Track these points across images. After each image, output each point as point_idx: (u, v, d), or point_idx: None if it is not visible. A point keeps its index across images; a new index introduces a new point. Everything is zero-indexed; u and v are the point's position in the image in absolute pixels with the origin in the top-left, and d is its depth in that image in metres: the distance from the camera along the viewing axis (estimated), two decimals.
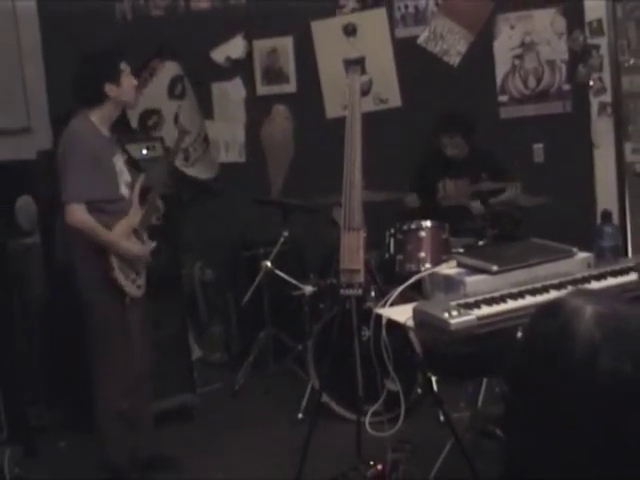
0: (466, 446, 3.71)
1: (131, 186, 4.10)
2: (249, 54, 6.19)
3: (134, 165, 4.33)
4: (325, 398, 4.63)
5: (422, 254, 4.63)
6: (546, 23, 5.54)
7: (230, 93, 6.25)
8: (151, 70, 6.30)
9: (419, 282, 3.58)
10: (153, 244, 4.20)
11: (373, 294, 4.53)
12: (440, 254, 4.42)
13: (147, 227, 4.15)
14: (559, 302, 1.28)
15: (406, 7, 5.82)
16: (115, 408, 4.06)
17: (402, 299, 3.37)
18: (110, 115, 4.06)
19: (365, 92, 5.75)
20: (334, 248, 4.20)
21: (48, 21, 6.25)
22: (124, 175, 4.09)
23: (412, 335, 3.87)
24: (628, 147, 5.48)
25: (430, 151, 5.56)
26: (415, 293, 3.78)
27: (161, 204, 4.24)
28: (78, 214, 3.86)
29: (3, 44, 5.96)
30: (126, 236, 3.98)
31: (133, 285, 4.01)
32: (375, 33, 5.88)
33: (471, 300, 2.96)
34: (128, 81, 4.04)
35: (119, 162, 4.08)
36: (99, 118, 4.01)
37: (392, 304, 3.32)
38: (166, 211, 4.46)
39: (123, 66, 4.03)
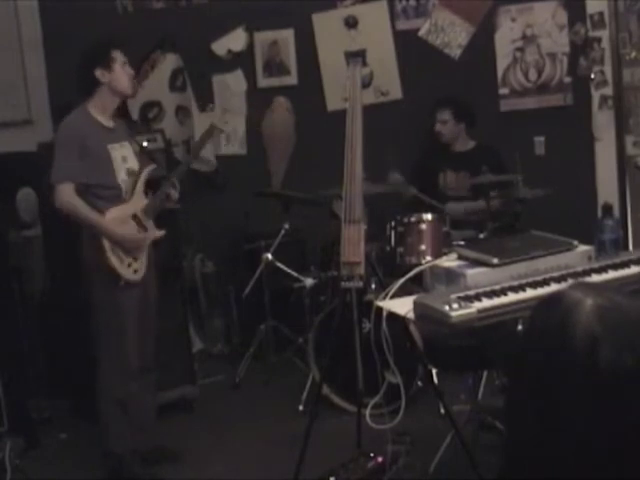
0: (466, 438, 3.72)
1: (136, 174, 4.13)
2: (250, 46, 6.19)
3: (148, 155, 4.36)
4: (325, 390, 4.64)
5: (423, 247, 4.63)
6: (547, 15, 5.54)
7: (231, 85, 6.24)
8: (152, 62, 6.30)
9: (420, 275, 3.58)
10: (160, 232, 4.22)
11: (374, 286, 4.53)
12: (441, 247, 4.42)
13: (153, 214, 4.17)
14: (559, 295, 1.28)
15: None
16: (114, 394, 4.08)
17: (403, 292, 3.37)
18: (107, 103, 4.11)
19: (366, 85, 5.75)
20: (335, 240, 4.20)
21: (49, 14, 6.23)
22: (128, 163, 4.12)
23: (413, 328, 3.88)
24: (629, 140, 5.47)
25: (431, 142, 5.56)
26: (416, 286, 3.78)
27: (174, 193, 4.23)
28: (65, 195, 3.94)
29: (4, 37, 5.95)
30: (120, 221, 4.01)
31: (129, 269, 4.03)
32: (376, 25, 5.87)
33: (472, 293, 2.97)
34: (121, 69, 4.08)
35: (121, 150, 4.12)
36: (97, 108, 4.08)
37: (393, 296, 3.32)
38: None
39: (115, 54, 4.08)
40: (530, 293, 2.98)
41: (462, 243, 4.02)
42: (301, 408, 4.84)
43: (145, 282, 4.17)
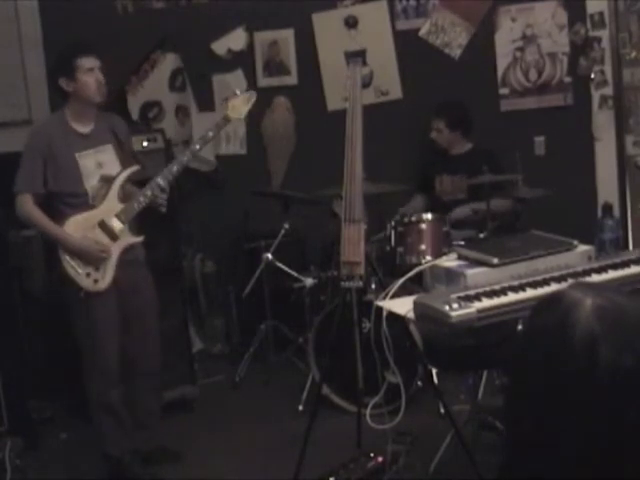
0: (466, 438, 3.72)
1: (111, 180, 4.06)
2: (250, 46, 6.19)
3: (134, 156, 4.31)
4: (325, 390, 4.64)
5: (423, 246, 4.63)
6: (547, 15, 5.54)
7: (231, 85, 6.24)
8: (152, 62, 6.29)
9: (420, 274, 3.58)
10: (135, 239, 4.12)
11: (374, 286, 4.54)
12: (441, 246, 4.43)
13: (127, 220, 4.06)
14: (559, 295, 1.28)
15: None
16: (98, 399, 4.09)
17: (403, 291, 3.37)
18: (80, 110, 4.05)
19: (366, 84, 5.75)
20: (335, 240, 4.20)
21: (49, 13, 6.23)
22: (103, 169, 4.05)
23: (413, 327, 3.88)
24: (629, 140, 5.47)
25: (428, 147, 5.57)
26: (416, 285, 3.79)
27: (161, 196, 4.13)
28: (23, 205, 3.96)
29: (4, 37, 5.95)
30: (81, 229, 3.95)
31: (88, 279, 3.96)
32: (376, 25, 5.87)
33: (472, 292, 2.97)
34: (87, 76, 3.98)
35: (97, 157, 4.05)
36: (71, 114, 4.05)
37: (393, 296, 3.32)
38: (167, 203, 4.44)
39: (81, 61, 3.97)
40: (530, 293, 2.98)
41: (462, 243, 4.03)
42: (301, 408, 4.83)
43: (133, 287, 4.13)
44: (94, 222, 3.99)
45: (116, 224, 4.03)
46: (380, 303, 3.35)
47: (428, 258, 4.46)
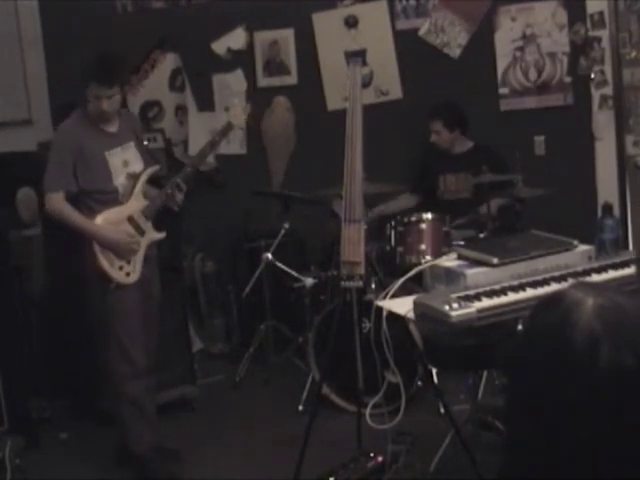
0: (466, 438, 3.72)
1: (136, 177, 4.16)
2: (250, 46, 6.19)
3: (150, 155, 4.39)
4: (325, 390, 4.64)
5: (423, 246, 4.63)
6: (547, 15, 5.53)
7: (231, 85, 6.24)
8: (152, 62, 6.30)
9: (420, 274, 3.58)
10: (159, 235, 4.24)
11: (374, 286, 4.54)
12: (441, 246, 4.43)
13: (151, 216, 4.18)
14: (560, 295, 1.28)
15: None
16: (123, 392, 4.11)
17: (403, 291, 3.37)
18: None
19: (366, 84, 5.75)
20: (335, 240, 4.20)
21: (49, 13, 6.24)
22: (129, 167, 4.15)
23: (413, 327, 3.88)
24: (629, 140, 5.47)
25: (429, 147, 5.56)
26: (416, 285, 3.79)
27: (178, 195, 4.22)
28: (54, 202, 4.02)
29: (4, 36, 5.96)
30: (113, 223, 4.05)
31: (120, 272, 4.05)
32: (376, 25, 5.87)
33: (471, 292, 2.97)
34: (93, 101, 4.03)
35: (123, 155, 4.15)
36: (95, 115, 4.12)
37: (393, 296, 3.32)
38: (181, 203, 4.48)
39: (92, 86, 3.97)
40: (530, 293, 2.98)
41: (462, 243, 4.02)
42: (301, 408, 4.83)
43: (148, 283, 4.20)
44: (123, 217, 4.11)
45: (142, 220, 4.16)
46: (380, 303, 3.36)
47: (428, 258, 4.46)
